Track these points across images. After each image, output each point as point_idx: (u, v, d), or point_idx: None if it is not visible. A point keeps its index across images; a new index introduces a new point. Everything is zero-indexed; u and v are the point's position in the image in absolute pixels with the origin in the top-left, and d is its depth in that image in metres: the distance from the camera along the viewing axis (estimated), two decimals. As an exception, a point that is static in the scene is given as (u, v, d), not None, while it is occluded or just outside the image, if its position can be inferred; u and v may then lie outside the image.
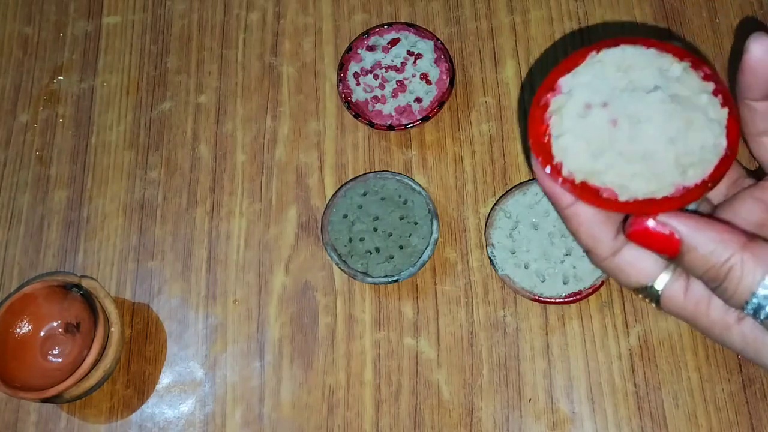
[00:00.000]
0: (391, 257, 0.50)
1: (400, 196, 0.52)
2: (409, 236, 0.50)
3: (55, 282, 0.49)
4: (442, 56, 0.55)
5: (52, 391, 0.46)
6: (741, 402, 0.47)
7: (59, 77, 0.61)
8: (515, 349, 0.49)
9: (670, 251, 0.31)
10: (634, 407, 0.47)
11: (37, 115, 0.60)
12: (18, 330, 0.50)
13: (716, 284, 0.31)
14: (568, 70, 0.33)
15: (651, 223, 0.31)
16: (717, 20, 0.57)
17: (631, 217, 0.31)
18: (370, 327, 0.51)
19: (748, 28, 0.53)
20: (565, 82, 0.33)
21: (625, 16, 0.58)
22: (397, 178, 0.52)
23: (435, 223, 0.50)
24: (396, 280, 0.49)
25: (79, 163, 0.58)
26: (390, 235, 0.51)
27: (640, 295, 0.36)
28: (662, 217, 0.31)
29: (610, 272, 0.37)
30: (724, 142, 0.31)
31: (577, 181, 0.31)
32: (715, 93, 0.31)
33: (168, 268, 0.54)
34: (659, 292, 0.35)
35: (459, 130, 0.56)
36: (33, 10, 0.64)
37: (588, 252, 0.34)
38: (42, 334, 0.50)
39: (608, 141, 0.31)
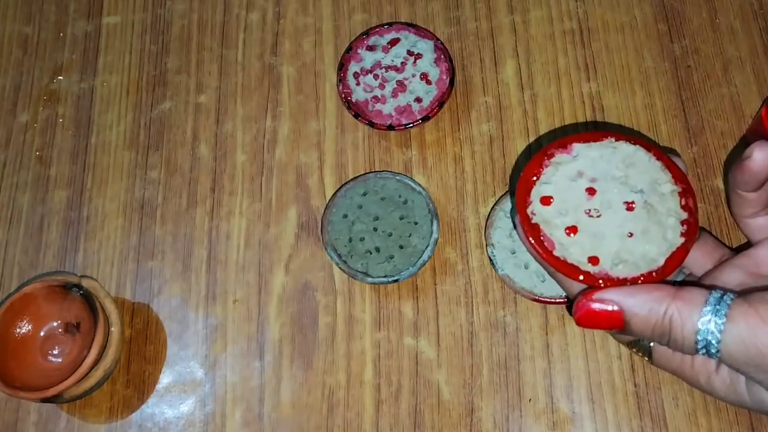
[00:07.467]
0: (391, 257, 0.50)
1: (400, 196, 0.52)
2: (409, 236, 0.50)
3: (55, 282, 0.49)
4: (442, 56, 0.55)
5: (52, 391, 0.46)
6: (741, 402, 0.47)
7: (59, 77, 0.61)
8: (515, 349, 0.49)
9: (617, 324, 0.34)
10: (634, 407, 0.47)
11: (37, 115, 0.60)
12: (18, 330, 0.50)
13: (666, 338, 0.33)
14: (586, 141, 0.37)
15: (594, 305, 0.33)
16: (717, 20, 0.57)
17: (575, 305, 0.34)
18: (370, 327, 0.51)
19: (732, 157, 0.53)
20: (577, 147, 0.37)
21: (625, 16, 0.58)
22: (397, 178, 0.52)
23: (435, 223, 0.50)
24: (396, 280, 0.49)
25: (79, 163, 0.58)
26: (390, 235, 0.51)
27: (634, 350, 0.38)
28: (599, 294, 0.34)
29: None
30: (661, 262, 0.34)
31: (533, 221, 0.35)
32: (683, 223, 0.35)
33: (168, 268, 0.54)
34: (650, 346, 0.37)
35: (459, 130, 0.56)
36: (33, 10, 0.64)
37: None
38: (42, 334, 0.50)
39: (575, 207, 0.35)
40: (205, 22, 0.62)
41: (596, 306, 0.33)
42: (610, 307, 0.33)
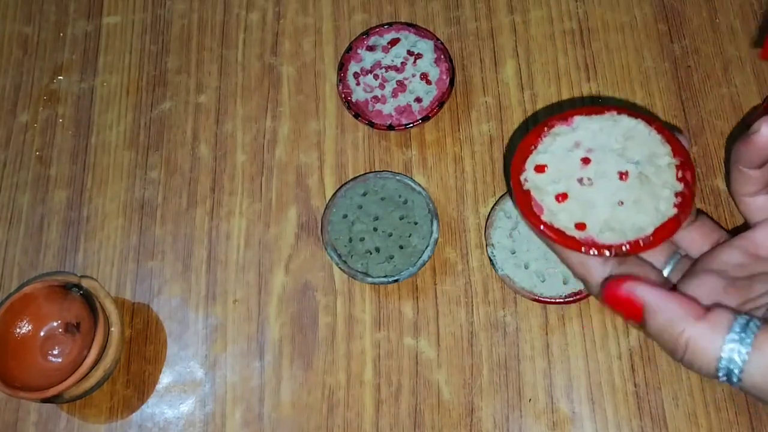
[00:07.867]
0: (391, 257, 0.50)
1: (400, 196, 0.52)
2: (409, 236, 0.50)
3: (55, 282, 0.49)
4: (442, 56, 0.55)
5: (52, 391, 0.46)
6: (741, 402, 0.47)
7: (59, 77, 0.61)
8: (515, 349, 0.49)
9: (636, 317, 0.33)
10: (634, 407, 0.47)
11: (37, 115, 0.60)
12: (18, 330, 0.50)
13: (680, 356, 0.32)
14: (587, 114, 0.37)
15: (622, 290, 0.32)
16: (717, 20, 0.57)
17: (607, 284, 0.34)
18: (370, 327, 0.51)
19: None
20: (578, 119, 0.37)
21: (625, 16, 0.58)
22: (397, 178, 0.52)
23: (435, 223, 0.50)
24: (396, 280, 0.49)
25: (79, 163, 0.58)
26: (390, 235, 0.51)
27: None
28: (632, 284, 0.33)
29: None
30: (650, 231, 0.34)
31: (525, 187, 0.35)
32: (677, 195, 0.34)
33: (168, 268, 0.54)
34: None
35: (459, 130, 0.56)
36: (33, 10, 0.64)
37: (584, 282, 0.36)
38: (42, 334, 0.50)
39: (568, 176, 0.35)
40: (205, 22, 0.62)
41: (624, 292, 0.32)
42: (635, 299, 0.32)
